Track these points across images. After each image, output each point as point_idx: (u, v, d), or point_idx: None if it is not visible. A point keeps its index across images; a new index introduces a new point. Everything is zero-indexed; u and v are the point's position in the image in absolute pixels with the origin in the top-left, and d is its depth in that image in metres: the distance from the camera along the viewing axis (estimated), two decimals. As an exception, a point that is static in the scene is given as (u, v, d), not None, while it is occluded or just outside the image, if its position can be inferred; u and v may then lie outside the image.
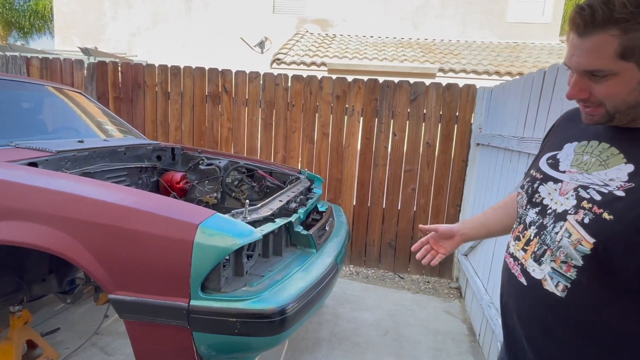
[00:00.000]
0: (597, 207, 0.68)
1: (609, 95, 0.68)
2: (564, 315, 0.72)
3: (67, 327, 2.46)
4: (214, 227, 1.30)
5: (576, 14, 0.65)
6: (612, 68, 0.65)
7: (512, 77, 5.23)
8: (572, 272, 0.70)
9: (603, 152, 0.75)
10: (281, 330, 1.32)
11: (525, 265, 0.79)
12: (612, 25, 0.62)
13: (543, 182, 0.83)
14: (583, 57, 0.67)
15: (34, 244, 1.28)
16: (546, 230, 0.76)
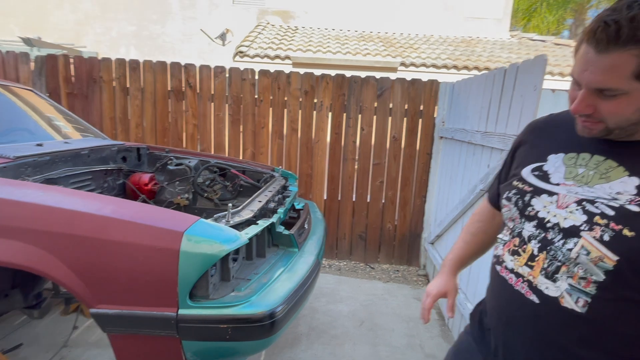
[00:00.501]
0: (614, 224, 0.68)
1: (615, 113, 0.69)
2: (585, 329, 0.71)
3: (31, 341, 2.32)
4: (199, 233, 1.28)
5: (600, 28, 0.63)
6: (624, 88, 0.65)
7: (469, 71, 5.48)
8: (592, 287, 0.70)
9: (599, 164, 0.75)
10: (272, 333, 1.33)
11: (534, 283, 0.76)
12: (635, 45, 0.61)
13: (535, 195, 0.81)
14: (598, 74, 0.66)
15: (4, 261, 1.19)
16: (554, 245, 0.75)
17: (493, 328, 0.88)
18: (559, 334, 0.74)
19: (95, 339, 2.40)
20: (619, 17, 0.61)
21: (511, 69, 2.22)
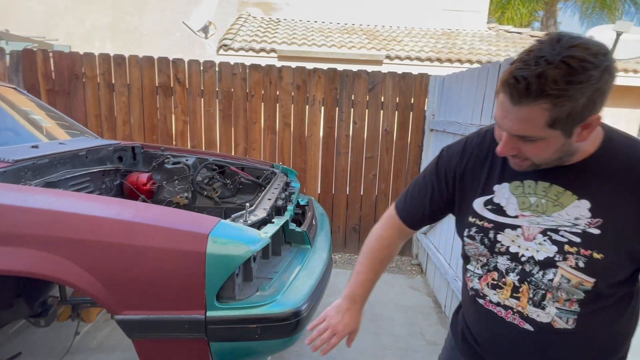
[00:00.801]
0: (583, 249, 0.73)
1: (536, 154, 0.73)
2: (578, 341, 0.79)
3: (30, 350, 2.25)
4: (223, 235, 1.28)
5: (511, 84, 0.66)
6: (540, 135, 0.69)
7: (451, 64, 5.59)
8: (576, 305, 0.76)
9: (548, 191, 0.77)
10: (298, 331, 1.35)
11: (525, 313, 0.80)
12: (544, 99, 0.64)
13: (499, 230, 0.82)
14: (515, 123, 0.69)
15: (24, 271, 1.15)
16: (534, 277, 0.78)
17: (493, 355, 0.90)
18: (558, 351, 0.80)
19: (96, 344, 2.36)
20: (528, 73, 0.63)
21: (507, 62, 2.29)
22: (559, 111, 0.64)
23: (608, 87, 0.65)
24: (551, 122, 0.66)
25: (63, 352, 2.23)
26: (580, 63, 0.62)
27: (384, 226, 1.05)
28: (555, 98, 0.63)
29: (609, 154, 0.75)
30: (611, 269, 0.73)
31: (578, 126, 0.68)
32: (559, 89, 0.62)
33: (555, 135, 0.68)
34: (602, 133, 0.76)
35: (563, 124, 0.66)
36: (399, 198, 1.04)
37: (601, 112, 0.68)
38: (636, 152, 0.74)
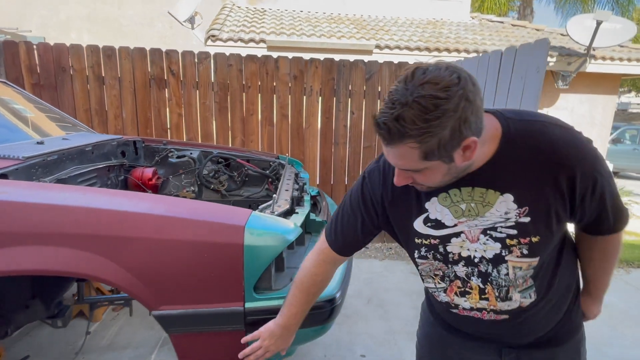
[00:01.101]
0: (522, 239, 0.79)
1: (428, 181, 0.77)
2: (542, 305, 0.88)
3: (37, 353, 2.19)
4: (258, 226, 1.27)
5: (377, 129, 0.70)
6: (421, 167, 0.72)
7: (439, 53, 5.66)
8: (530, 281, 0.84)
9: (472, 194, 0.81)
10: (332, 319, 1.37)
11: (497, 308, 0.86)
12: (408, 139, 0.67)
13: (446, 242, 0.86)
14: (395, 160, 0.74)
15: (62, 270, 1.12)
16: (492, 276, 0.84)
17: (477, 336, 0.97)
18: (532, 320, 0.89)
19: (106, 342, 2.31)
20: (387, 118, 0.66)
21: (508, 52, 2.35)
22: (426, 146, 0.67)
23: (471, 110, 0.66)
24: (424, 156, 0.69)
25: (73, 352, 2.19)
26: (432, 101, 0.63)
27: (317, 263, 1.04)
28: (418, 137, 0.66)
29: (511, 146, 0.77)
30: (549, 243, 0.81)
31: (455, 152, 0.70)
32: (418, 128, 0.65)
33: (436, 164, 0.71)
34: (499, 128, 0.78)
35: (437, 154, 0.69)
36: (328, 230, 1.02)
37: (476, 134, 0.69)
38: (535, 135, 0.77)
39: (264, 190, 2.59)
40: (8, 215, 1.15)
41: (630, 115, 19.68)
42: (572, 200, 0.78)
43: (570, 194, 0.77)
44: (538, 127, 0.78)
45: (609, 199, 0.80)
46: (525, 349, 0.94)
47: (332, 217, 1.03)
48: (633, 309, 2.89)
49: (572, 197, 0.77)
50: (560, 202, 0.77)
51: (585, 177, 0.75)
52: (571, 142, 0.76)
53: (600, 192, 0.78)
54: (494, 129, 0.78)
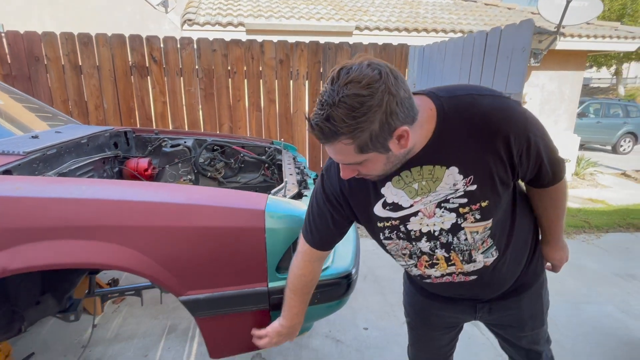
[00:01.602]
0: (473, 205, 0.86)
1: (371, 172, 0.82)
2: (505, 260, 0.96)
3: (41, 349, 2.17)
4: (277, 210, 1.32)
5: (311, 130, 0.73)
6: (360, 160, 0.76)
7: (418, 33, 5.72)
8: (490, 240, 0.91)
9: (422, 173, 0.86)
10: (348, 293, 1.45)
11: (465, 270, 0.95)
12: (341, 136, 0.71)
13: (406, 222, 0.91)
14: (336, 156, 0.77)
15: (88, 262, 1.13)
16: (453, 244, 0.91)
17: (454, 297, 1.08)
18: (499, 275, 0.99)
19: (111, 335, 2.32)
20: (318, 120, 0.70)
21: (493, 32, 2.43)
22: (359, 140, 0.72)
23: (395, 102, 0.70)
24: (359, 149, 0.74)
25: (80, 346, 2.18)
26: (357, 99, 0.67)
27: (302, 264, 1.10)
28: (349, 133, 0.70)
29: (448, 122, 0.82)
30: (498, 204, 0.88)
31: (389, 142, 0.74)
32: (347, 125, 0.69)
33: (373, 156, 0.76)
34: (434, 107, 0.83)
35: (371, 147, 0.73)
36: (304, 231, 1.08)
37: (406, 122, 0.73)
38: (467, 108, 0.82)
39: (261, 176, 2.61)
40: (31, 210, 1.14)
41: (592, 90, 20.64)
42: (511, 162, 0.83)
43: (508, 157, 0.82)
44: (469, 100, 0.83)
45: (545, 155, 0.87)
46: (496, 301, 1.07)
47: (305, 217, 1.08)
48: (604, 269, 3.15)
49: (510, 159, 0.83)
50: (500, 166, 0.83)
51: (518, 138, 0.81)
52: (501, 108, 0.81)
53: (536, 150, 0.84)
54: (428, 109, 0.82)
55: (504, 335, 1.19)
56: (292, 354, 2.13)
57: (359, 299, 2.74)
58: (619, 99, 11.45)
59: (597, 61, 17.37)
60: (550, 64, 6.54)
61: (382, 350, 2.17)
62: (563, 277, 3.02)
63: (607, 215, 4.48)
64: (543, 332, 1.18)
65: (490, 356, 2.09)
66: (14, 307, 1.48)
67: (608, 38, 6.20)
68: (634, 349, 2.17)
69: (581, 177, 6.46)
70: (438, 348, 1.26)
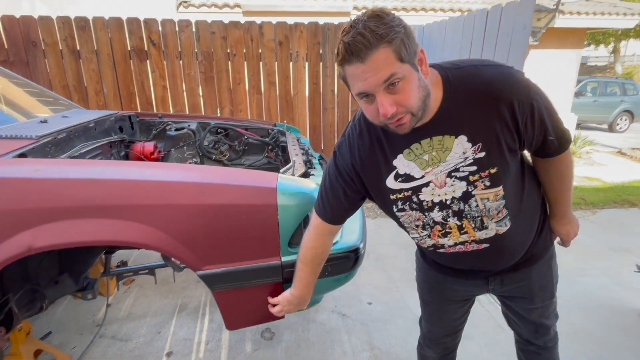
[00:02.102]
0: (482, 173, 0.88)
1: (408, 97, 0.79)
2: (516, 230, 0.99)
3: (58, 328, 2.25)
4: (288, 187, 1.36)
5: (350, 45, 0.75)
6: (399, 70, 0.76)
7: (417, 12, 5.67)
8: (505, 211, 0.94)
9: (432, 144, 0.90)
10: (358, 265, 1.51)
11: (477, 238, 0.97)
12: (381, 40, 0.74)
13: (418, 192, 0.95)
14: (378, 72, 0.76)
15: (111, 240, 1.17)
16: (465, 212, 0.94)
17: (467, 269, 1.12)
18: (509, 244, 1.02)
19: (124, 314, 2.40)
20: (356, 32, 0.74)
21: (494, 10, 2.44)
22: (395, 45, 0.75)
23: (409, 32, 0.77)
24: (398, 56, 0.76)
25: (94, 325, 2.26)
26: (380, 13, 0.76)
27: (314, 237, 1.15)
28: (386, 35, 0.74)
29: (453, 92, 0.86)
30: (507, 171, 0.91)
31: (415, 59, 0.79)
32: (385, 27, 0.74)
33: (408, 70, 0.78)
34: (440, 80, 0.87)
35: (405, 55, 0.76)
36: (317, 206, 1.12)
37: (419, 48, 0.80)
38: (470, 77, 0.86)
39: (265, 158, 2.65)
40: (53, 191, 1.18)
41: (590, 68, 20.55)
42: (516, 128, 0.87)
43: (513, 122, 0.86)
44: (472, 71, 0.87)
45: (550, 122, 0.91)
46: (507, 273, 1.10)
47: (318, 193, 1.12)
48: (599, 244, 3.25)
49: (515, 124, 0.86)
50: (507, 132, 0.86)
51: (522, 104, 0.84)
52: (503, 76, 0.85)
53: (540, 117, 0.88)
54: (435, 76, 0.87)
55: (514, 308, 1.22)
56: (299, 327, 2.22)
57: (362, 276, 2.83)
58: (616, 77, 11.44)
59: (595, 39, 17.25)
60: (549, 42, 6.52)
61: (386, 323, 2.26)
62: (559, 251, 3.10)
63: (603, 192, 4.57)
64: (553, 306, 1.22)
65: (490, 326, 2.19)
66: (35, 286, 1.54)
67: (607, 15, 6.17)
68: (627, 316, 2.28)
69: (577, 155, 6.53)
70: (451, 321, 1.30)
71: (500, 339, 2.08)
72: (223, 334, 2.16)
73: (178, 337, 2.14)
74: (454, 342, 1.38)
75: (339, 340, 2.12)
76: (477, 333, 2.14)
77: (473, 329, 2.16)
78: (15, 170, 1.23)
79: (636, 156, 6.68)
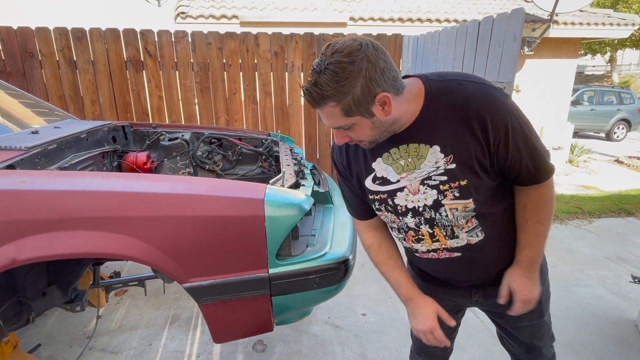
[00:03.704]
0: (452, 183, 0.90)
1: (360, 136, 0.88)
2: (489, 242, 0.99)
3: (47, 341, 2.22)
4: (276, 199, 1.36)
5: (306, 94, 0.82)
6: (347, 123, 0.83)
7: (412, 23, 5.73)
8: (474, 221, 0.95)
9: (408, 150, 0.92)
10: (346, 277, 1.50)
11: (449, 246, 0.99)
12: (327, 100, 0.79)
13: (393, 196, 0.98)
14: (326, 120, 0.85)
15: (94, 252, 1.17)
16: (436, 220, 0.96)
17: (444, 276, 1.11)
18: (484, 256, 1.02)
19: (115, 325, 2.37)
20: (308, 86, 0.80)
21: (486, 21, 2.46)
22: (344, 103, 0.79)
23: (374, 70, 0.78)
24: (345, 112, 0.80)
25: (85, 337, 2.23)
26: (339, 66, 0.76)
27: (365, 237, 1.16)
28: (334, 96, 0.78)
29: (434, 103, 0.88)
30: (478, 186, 0.91)
31: (372, 107, 0.81)
32: (332, 89, 0.77)
33: (359, 120, 0.82)
34: (422, 88, 0.90)
35: (356, 110, 0.81)
36: (348, 209, 1.18)
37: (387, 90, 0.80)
38: (452, 91, 0.88)
39: (259, 168, 2.65)
40: (38, 203, 1.18)
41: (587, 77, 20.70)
42: (488, 146, 0.87)
43: (485, 140, 0.86)
44: (455, 85, 0.89)
45: (525, 148, 0.89)
46: (491, 286, 1.09)
47: (341, 192, 1.18)
48: (596, 254, 3.23)
49: (487, 143, 0.86)
50: (479, 148, 0.87)
51: (496, 123, 0.84)
52: (483, 95, 0.86)
53: (514, 141, 0.87)
54: (417, 89, 0.89)
55: (504, 325, 1.21)
56: (292, 339, 2.20)
57: (356, 287, 2.80)
58: (612, 86, 11.51)
59: (591, 48, 17.40)
60: (544, 52, 6.57)
61: (380, 335, 2.24)
62: (554, 261, 3.10)
63: (600, 200, 4.56)
64: (544, 326, 1.19)
65: (484, 337, 2.17)
66: (21, 298, 1.53)
67: (601, 25, 6.23)
68: (623, 327, 2.25)
69: (575, 164, 6.54)
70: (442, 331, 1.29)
71: (495, 350, 2.05)
72: (214, 347, 2.13)
73: (169, 350, 2.12)
74: (445, 351, 1.36)
75: (332, 352, 2.09)
76: (471, 344, 2.12)
77: (467, 340, 2.13)
78: (1, 182, 1.22)
79: (634, 165, 6.69)
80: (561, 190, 5.03)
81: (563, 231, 3.71)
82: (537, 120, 6.10)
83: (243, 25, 5.18)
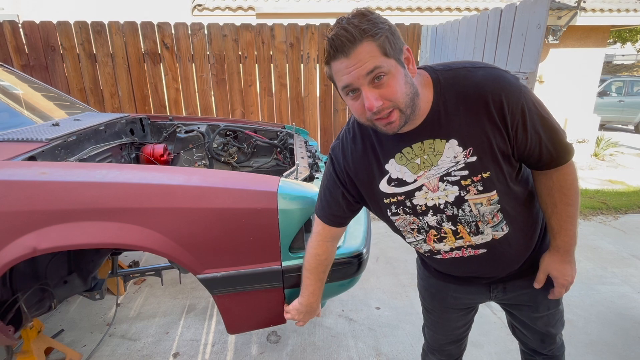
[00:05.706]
0: (474, 177, 0.86)
1: (394, 91, 0.78)
2: (514, 235, 0.96)
3: (70, 326, 2.30)
4: (289, 191, 1.35)
5: (335, 40, 0.75)
6: (383, 64, 0.76)
7: (432, 12, 5.58)
8: (500, 215, 0.91)
9: (423, 148, 0.88)
10: (361, 270, 1.49)
11: (473, 243, 0.95)
12: (364, 34, 0.74)
13: (411, 197, 0.93)
14: (363, 64, 0.75)
15: (112, 242, 1.19)
16: (459, 216, 0.91)
17: (469, 277, 1.08)
18: (508, 250, 0.98)
19: (134, 313, 2.43)
20: (340, 27, 0.75)
21: (508, 9, 2.37)
22: (379, 40, 0.75)
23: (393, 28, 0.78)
24: (382, 50, 0.76)
25: (105, 324, 2.30)
26: (367, 11, 0.77)
27: (317, 244, 1.14)
28: (370, 30, 0.74)
29: (443, 95, 0.84)
30: (502, 176, 0.88)
31: (401, 56, 0.79)
32: (368, 23, 0.74)
33: (394, 65, 0.77)
34: (431, 82, 0.86)
35: (392, 51, 0.77)
36: (318, 208, 1.12)
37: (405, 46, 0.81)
38: (462, 80, 0.84)
39: (273, 160, 2.65)
40: (58, 194, 1.20)
41: (615, 67, 19.84)
42: (507, 131, 0.83)
43: (504, 125, 0.83)
44: (463, 73, 0.85)
45: (544, 130, 0.86)
46: (510, 280, 1.07)
47: (318, 195, 1.12)
48: (622, 251, 3.11)
49: (506, 128, 0.83)
50: (498, 135, 0.83)
51: (512, 106, 0.81)
52: (494, 78, 0.82)
53: (532, 123, 0.84)
54: (425, 78, 0.86)
55: (519, 316, 1.18)
56: (306, 331, 2.20)
57: (371, 280, 2.79)
58: (643, 76, 10.99)
59: (621, 36, 16.62)
60: (570, 41, 6.32)
61: (394, 329, 2.22)
62: (577, 258, 2.99)
63: (626, 196, 4.39)
64: (559, 314, 1.17)
65: (502, 335, 2.12)
66: (44, 285, 1.58)
67: (632, 12, 5.93)
68: (649, 328, 2.17)
69: (600, 158, 6.30)
70: (454, 329, 1.27)
71: (512, 348, 2.01)
72: (229, 337, 2.16)
73: (185, 338, 2.16)
74: (459, 350, 1.34)
75: (345, 345, 2.09)
76: (488, 341, 2.08)
77: (483, 336, 2.10)
78: (23, 173, 1.25)
79: (663, 158, 6.39)
80: (585, 185, 4.86)
81: (587, 227, 3.59)
82: (561, 112, 5.89)
83: (259, 16, 5.16)
